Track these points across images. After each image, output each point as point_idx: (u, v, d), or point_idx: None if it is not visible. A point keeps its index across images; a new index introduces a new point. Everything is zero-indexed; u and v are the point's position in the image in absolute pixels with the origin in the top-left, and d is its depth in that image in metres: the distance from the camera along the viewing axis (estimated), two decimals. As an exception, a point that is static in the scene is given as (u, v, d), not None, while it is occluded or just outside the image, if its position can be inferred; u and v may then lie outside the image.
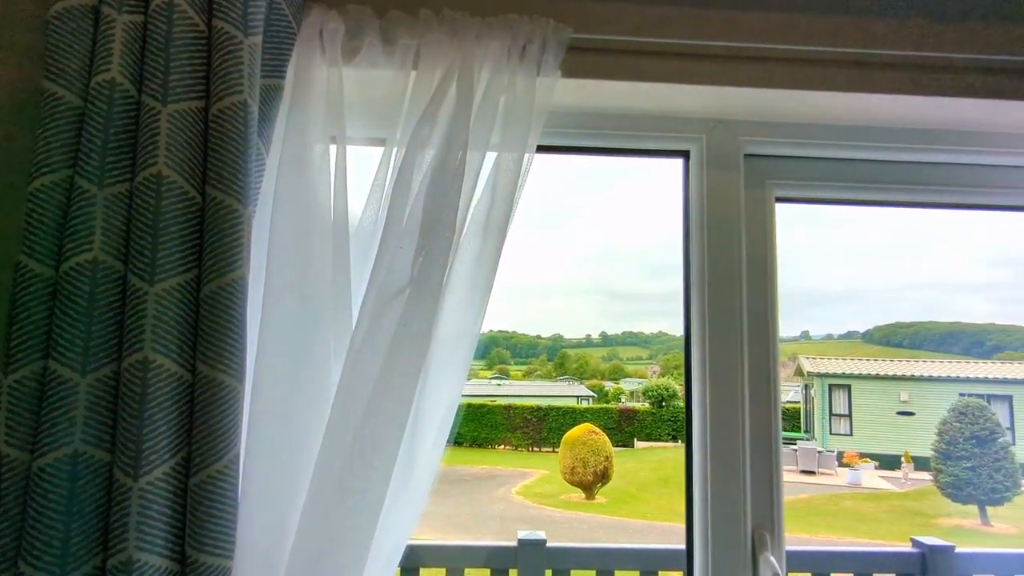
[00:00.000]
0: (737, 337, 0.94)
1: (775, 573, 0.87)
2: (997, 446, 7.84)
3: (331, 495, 0.65)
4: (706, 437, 0.91)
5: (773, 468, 0.93)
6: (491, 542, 2.70)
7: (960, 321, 16.71)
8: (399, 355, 0.68)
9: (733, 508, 0.90)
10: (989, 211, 1.10)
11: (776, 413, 0.94)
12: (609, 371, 17.11)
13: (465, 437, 10.86)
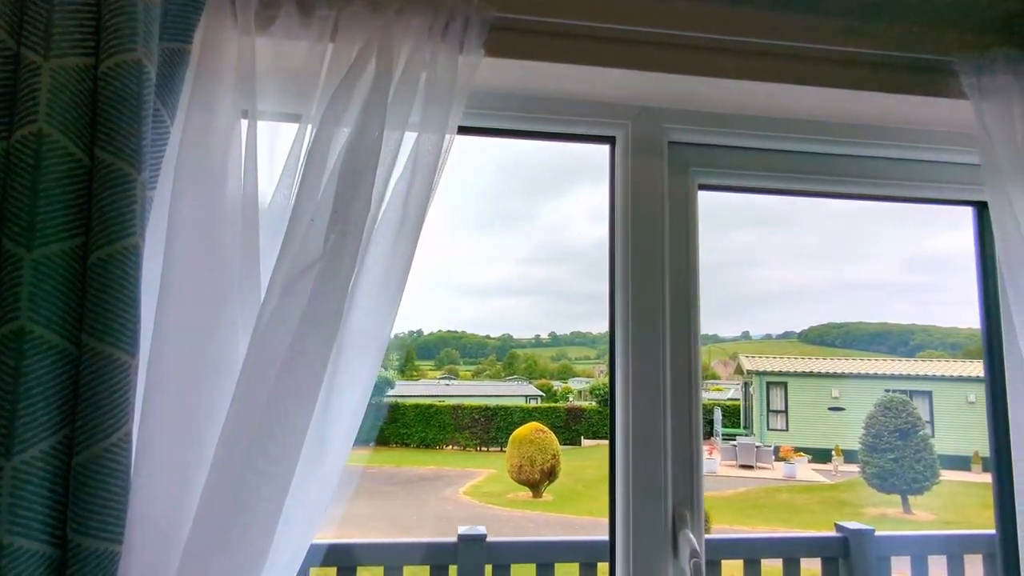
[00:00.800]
0: (660, 317, 0.96)
1: (692, 549, 0.88)
2: (918, 438, 8.29)
3: (236, 475, 0.62)
4: (628, 415, 0.92)
5: (694, 449, 0.94)
6: (430, 538, 2.67)
7: (887, 322, 17.66)
8: (310, 333, 0.66)
9: (654, 487, 0.91)
10: (902, 203, 1.16)
11: (697, 392, 0.96)
12: (558, 371, 17.25)
13: (412, 438, 10.73)
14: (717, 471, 9.77)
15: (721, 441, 10.78)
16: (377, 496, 8.87)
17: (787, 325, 16.08)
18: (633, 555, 0.90)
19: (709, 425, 11.74)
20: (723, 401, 12.99)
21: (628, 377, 0.93)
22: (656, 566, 0.90)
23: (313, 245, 0.67)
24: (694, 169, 1.03)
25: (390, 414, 11.02)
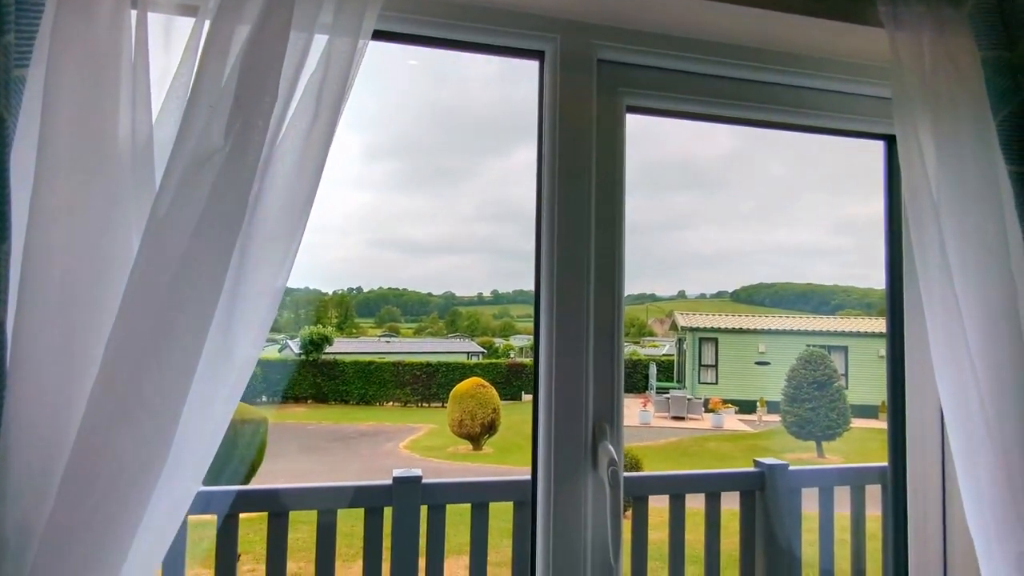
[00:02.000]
0: (586, 235, 0.95)
1: (611, 459, 0.91)
2: (833, 390, 8.87)
3: (126, 382, 0.59)
4: (552, 323, 0.92)
5: (615, 365, 0.96)
6: (364, 481, 2.68)
7: (812, 283, 18.62)
8: (210, 229, 0.62)
9: (575, 402, 0.93)
10: (817, 134, 1.19)
11: (619, 307, 0.97)
12: (500, 328, 17.37)
13: (352, 395, 10.64)
14: (651, 422, 10.20)
15: (655, 394, 11.23)
16: (316, 452, 8.80)
17: (720, 285, 16.65)
18: (555, 468, 0.92)
19: (645, 379, 12.17)
20: (658, 357, 13.46)
21: (552, 289, 0.93)
22: (575, 477, 0.92)
23: (214, 134, 0.63)
24: (622, 89, 1.02)
25: (329, 371, 10.87)
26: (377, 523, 2.50)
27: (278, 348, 11.93)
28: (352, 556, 3.91)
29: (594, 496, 0.92)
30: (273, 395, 10.65)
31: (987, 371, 0.82)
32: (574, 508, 0.91)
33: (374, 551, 2.48)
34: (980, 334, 0.84)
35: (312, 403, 10.66)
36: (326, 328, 11.75)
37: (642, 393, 11.74)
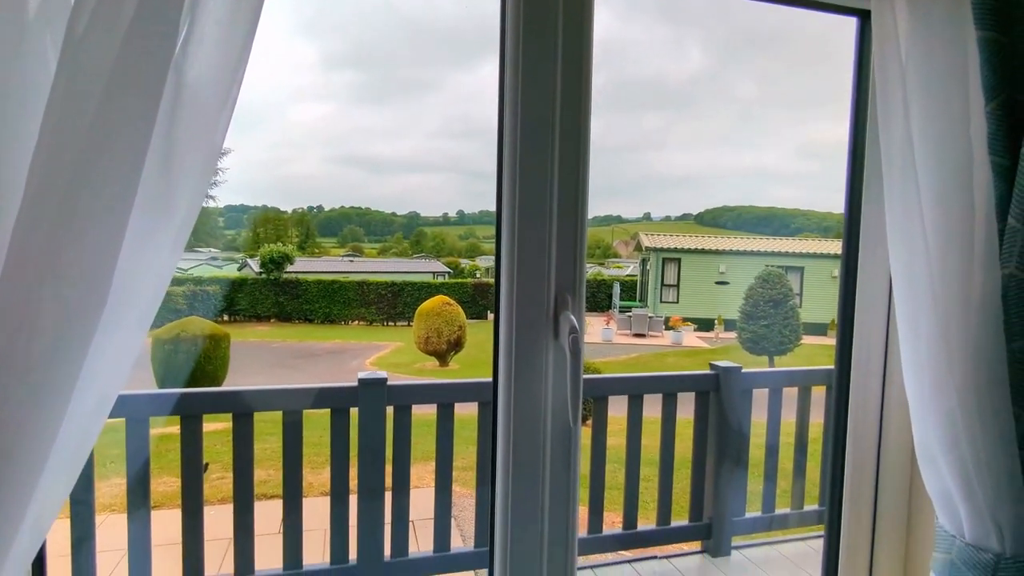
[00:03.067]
0: (550, 108, 0.91)
1: (572, 326, 0.91)
2: (787, 308, 9.19)
3: (52, 219, 0.54)
4: (515, 198, 0.90)
5: (578, 236, 0.94)
6: (330, 383, 2.70)
7: (774, 207, 18.93)
8: (137, 56, 0.56)
9: (537, 272, 0.91)
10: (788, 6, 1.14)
11: (584, 174, 0.94)
12: (466, 249, 17.29)
13: (316, 314, 10.58)
14: (613, 339, 10.50)
15: (618, 313, 11.50)
16: (282, 369, 8.82)
17: (686, 208, 16.78)
18: (516, 338, 0.91)
19: (608, 299, 12.41)
20: (622, 277, 13.68)
21: (516, 160, 0.89)
22: (537, 347, 0.92)
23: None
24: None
25: (291, 290, 10.73)
26: (343, 424, 2.55)
27: (237, 267, 11.68)
28: (320, 464, 4.01)
29: (555, 365, 0.93)
30: (234, 314, 10.51)
31: (937, 238, 0.83)
32: (536, 376, 0.92)
33: (341, 453, 2.53)
34: (934, 203, 0.84)
35: (275, 322, 10.58)
36: (286, 247, 11.50)
37: (605, 312, 12.01)
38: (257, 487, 2.49)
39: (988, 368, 0.82)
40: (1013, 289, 0.82)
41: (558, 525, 0.96)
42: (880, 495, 1.13)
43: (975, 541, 0.88)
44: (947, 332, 0.82)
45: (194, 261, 11.40)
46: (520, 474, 0.93)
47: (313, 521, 2.63)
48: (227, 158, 10.59)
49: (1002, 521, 0.85)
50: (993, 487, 0.84)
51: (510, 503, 0.93)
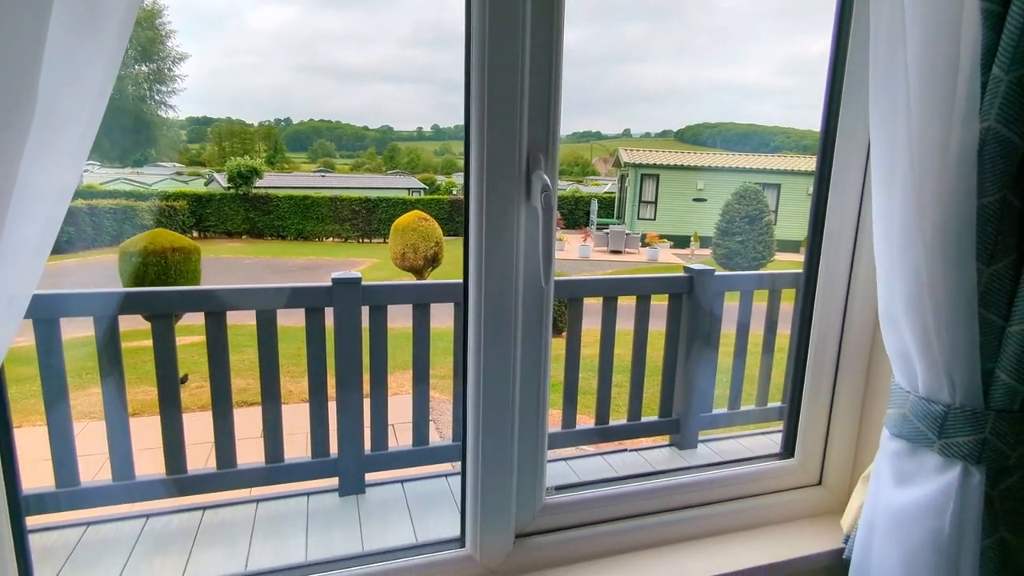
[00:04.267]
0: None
1: (544, 184, 0.88)
2: (763, 224, 9.27)
3: None
4: (484, 53, 0.84)
5: (551, 92, 0.90)
6: (304, 283, 2.67)
7: (755, 123, 18.68)
8: None
9: (509, 130, 0.88)
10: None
11: (559, 18, 0.88)
12: (442, 165, 16.91)
13: (289, 230, 10.39)
14: (590, 256, 10.56)
15: (595, 230, 11.51)
16: (255, 284, 8.71)
17: (666, 124, 16.46)
18: (487, 197, 0.89)
19: (586, 216, 12.39)
20: (600, 194, 13.60)
21: (484, 24, 0.83)
22: (509, 207, 0.90)
23: None
24: None
25: (262, 206, 10.45)
26: (318, 324, 2.54)
27: (204, 182, 11.30)
28: (299, 374, 4.04)
29: (527, 224, 0.91)
30: (204, 230, 10.25)
31: (919, 91, 0.81)
32: (507, 234, 0.90)
33: (317, 353, 2.54)
34: (919, 54, 0.81)
35: (247, 238, 10.37)
36: (255, 161, 11.11)
37: (583, 228, 12.01)
38: (236, 395, 2.51)
39: (957, 224, 0.83)
40: (990, 143, 0.81)
41: (530, 385, 0.98)
42: (841, 364, 1.17)
43: (928, 394, 0.92)
44: (921, 188, 0.82)
45: (158, 176, 10.98)
46: (492, 338, 0.93)
47: (294, 426, 2.68)
48: (185, 64, 9.92)
49: (955, 374, 0.88)
50: (950, 342, 0.86)
51: (482, 368, 0.94)
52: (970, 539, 0.91)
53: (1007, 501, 0.92)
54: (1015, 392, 0.88)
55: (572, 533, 1.06)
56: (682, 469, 1.20)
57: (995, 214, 0.83)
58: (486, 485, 0.98)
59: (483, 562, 1.01)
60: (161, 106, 10.56)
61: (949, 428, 0.90)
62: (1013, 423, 0.88)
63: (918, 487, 0.94)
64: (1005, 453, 0.89)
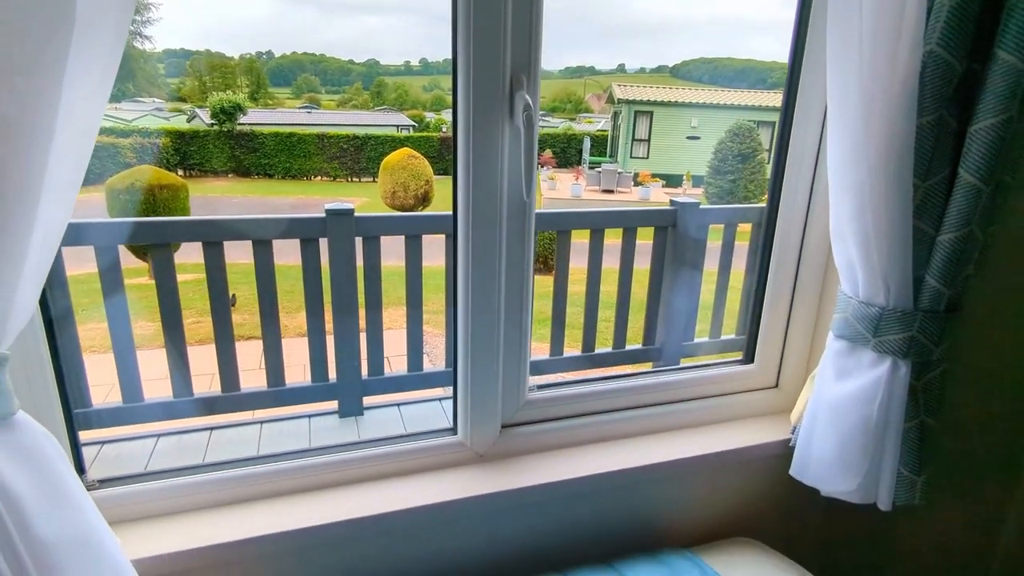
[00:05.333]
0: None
1: (526, 104, 0.96)
2: (755, 162, 9.24)
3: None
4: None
5: (532, 17, 0.96)
6: (299, 214, 2.73)
7: (753, 59, 18.23)
8: None
9: (493, 53, 0.94)
10: None
11: None
12: (431, 101, 16.52)
13: (276, 169, 10.23)
14: (582, 195, 10.53)
15: (587, 168, 11.44)
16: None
17: (662, 59, 16.09)
18: (473, 116, 0.96)
19: (578, 154, 12.27)
20: (594, 132, 13.42)
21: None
22: (493, 125, 0.97)
23: None
24: None
25: (247, 143, 10.27)
26: (314, 253, 2.63)
27: (187, 118, 11.04)
28: (296, 309, 4.14)
29: (511, 142, 0.99)
30: (189, 168, 10.09)
31: (871, 17, 0.88)
32: (491, 152, 0.98)
33: (313, 282, 2.64)
34: None
35: (233, 177, 10.24)
36: (238, 96, 10.82)
37: (575, 167, 11.93)
38: (236, 329, 2.61)
39: (900, 142, 0.91)
40: (930, 65, 0.89)
41: (514, 290, 1.08)
42: (799, 279, 1.29)
43: (867, 298, 1.03)
44: (870, 107, 0.90)
45: (137, 112, 10.70)
46: (479, 248, 1.02)
47: (292, 359, 2.80)
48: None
49: (890, 280, 0.99)
50: (888, 250, 0.97)
51: (471, 275, 1.04)
52: (895, 423, 1.04)
53: (929, 391, 1.05)
54: (940, 294, 0.99)
55: (551, 424, 1.20)
56: (652, 372, 1.33)
57: (932, 132, 0.92)
58: (475, 380, 1.10)
59: (472, 447, 1.14)
60: (136, 36, 10.18)
61: (883, 327, 1.02)
62: (937, 322, 1.00)
63: (854, 380, 1.07)
64: (929, 349, 1.01)
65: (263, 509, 1.01)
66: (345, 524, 1.00)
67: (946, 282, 0.98)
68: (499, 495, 1.08)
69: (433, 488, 1.07)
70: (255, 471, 1.04)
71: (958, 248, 0.96)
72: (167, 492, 0.99)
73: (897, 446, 1.05)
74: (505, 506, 1.12)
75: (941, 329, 1.01)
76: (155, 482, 0.99)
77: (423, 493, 1.06)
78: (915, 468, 1.06)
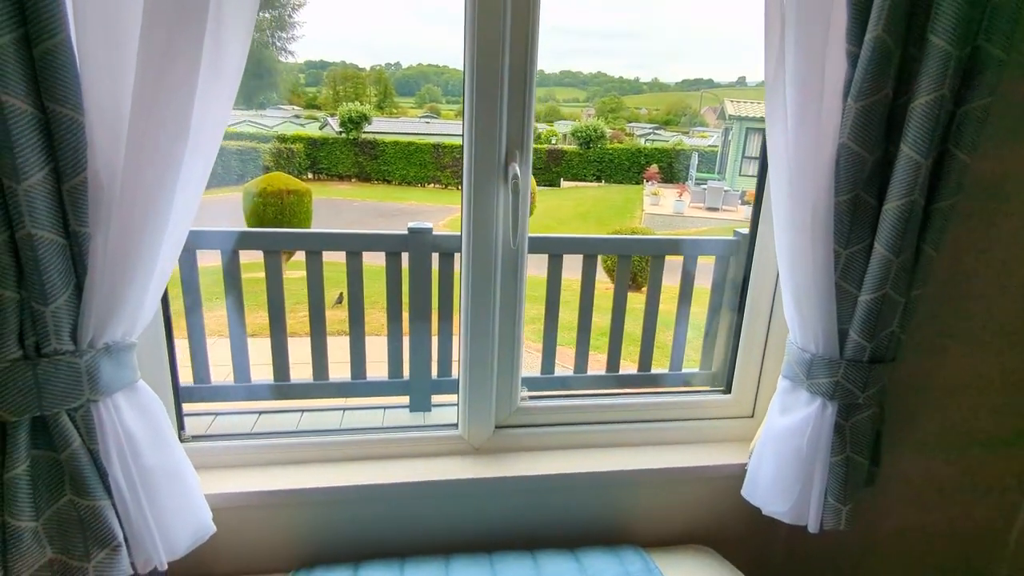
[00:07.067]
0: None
1: (515, 174, 1.22)
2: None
3: (151, 75, 0.88)
4: (473, 80, 1.18)
5: (525, 108, 1.22)
6: (385, 230, 3.14)
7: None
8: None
9: (491, 136, 1.21)
10: None
11: (532, 61, 1.20)
12: (544, 112, 16.92)
13: (394, 175, 11.02)
14: (684, 212, 10.42)
15: (693, 185, 11.27)
16: (359, 226, 9.46)
17: (781, 70, 15.38)
18: (475, 181, 1.24)
19: (685, 170, 12.12)
20: (704, 147, 13.17)
21: (473, 50, 1.16)
22: (491, 188, 1.24)
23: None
24: None
25: (370, 150, 11.20)
26: (396, 266, 3.02)
27: (319, 125, 12.17)
28: (379, 308, 4.60)
29: (504, 201, 1.26)
30: (317, 172, 11.17)
31: (794, 118, 1.05)
32: (488, 208, 1.25)
33: (394, 290, 3.03)
34: (796, 87, 1.04)
35: (356, 181, 11.21)
36: (364, 106, 11.77)
37: (681, 183, 11.80)
38: (328, 326, 3.05)
39: (820, 214, 1.08)
40: (843, 155, 1.05)
41: (507, 316, 1.34)
42: (772, 318, 1.44)
43: (802, 345, 1.19)
44: (794, 183, 1.07)
45: (278, 119, 11.97)
46: (477, 281, 1.30)
47: (372, 354, 3.20)
48: (303, 11, 10.65)
49: (819, 331, 1.14)
50: (816, 304, 1.13)
51: (470, 304, 1.32)
52: (823, 456, 1.19)
53: (856, 431, 1.18)
54: (863, 347, 1.13)
55: (539, 429, 1.44)
56: (637, 393, 1.53)
57: (849, 208, 1.07)
58: (472, 388, 1.37)
59: (470, 441, 1.42)
60: (281, 52, 11.46)
61: (813, 371, 1.17)
62: (861, 370, 1.14)
63: (792, 415, 1.22)
64: (854, 393, 1.15)
65: (305, 469, 1.34)
66: (367, 487, 1.30)
67: (866, 336, 1.12)
68: (486, 480, 1.34)
69: (436, 468, 1.36)
70: (302, 440, 1.37)
71: (876, 307, 1.10)
72: (237, 449, 1.35)
73: (824, 477, 1.20)
74: (490, 490, 1.38)
75: (865, 377, 1.14)
76: (229, 441, 1.36)
77: (428, 471, 1.35)
78: (841, 498, 1.19)
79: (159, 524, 1.05)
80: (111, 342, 0.97)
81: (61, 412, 0.93)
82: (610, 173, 11.84)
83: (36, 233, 0.85)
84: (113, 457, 0.98)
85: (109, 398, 0.98)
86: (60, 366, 0.91)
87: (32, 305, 0.88)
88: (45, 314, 0.88)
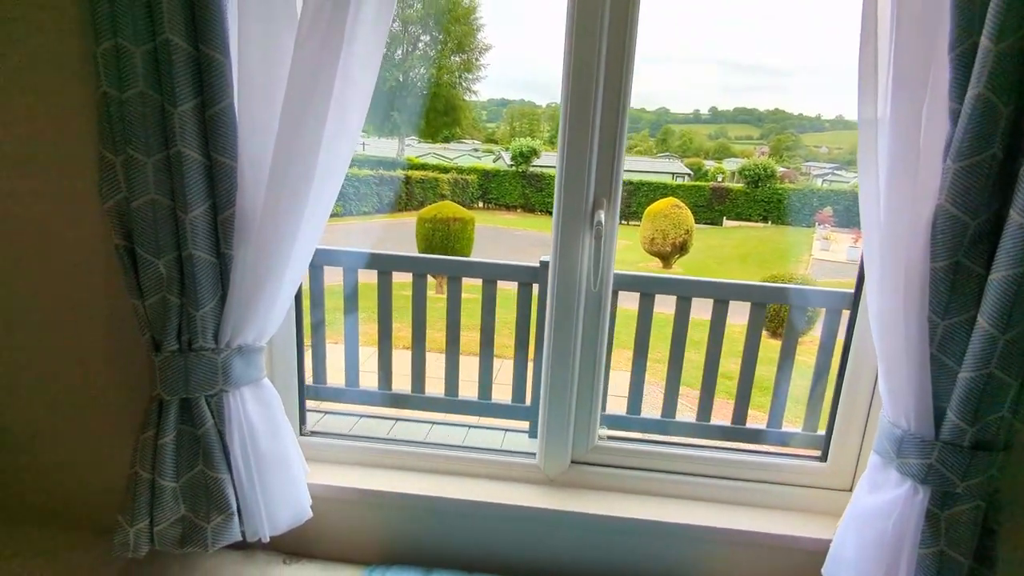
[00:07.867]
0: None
1: (598, 222, 1.28)
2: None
3: (289, 131, 1.10)
4: (565, 137, 1.27)
5: (615, 159, 1.28)
6: (518, 261, 3.32)
7: None
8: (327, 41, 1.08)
9: (579, 184, 1.29)
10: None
11: (622, 120, 1.26)
12: (714, 149, 16.44)
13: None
14: (857, 260, 9.45)
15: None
16: (518, 253, 9.88)
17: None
18: (563, 227, 1.32)
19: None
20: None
21: (567, 104, 1.25)
22: (577, 233, 1.32)
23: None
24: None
25: (536, 183, 11.71)
26: (527, 296, 3.17)
27: (493, 158, 12.98)
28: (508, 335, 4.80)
29: (590, 247, 1.32)
30: (487, 201, 11.90)
31: (887, 174, 0.99)
32: (574, 252, 1.32)
33: (523, 318, 3.17)
34: (891, 139, 0.98)
35: (520, 212, 11.78)
36: (536, 141, 12.35)
37: (858, 229, 10.72)
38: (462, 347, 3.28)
39: (915, 281, 1.00)
40: (940, 218, 0.97)
41: (588, 355, 1.39)
42: (875, 397, 1.32)
43: (894, 420, 1.09)
44: (887, 247, 1.01)
45: (459, 152, 13.00)
46: (560, 321, 1.37)
47: (500, 377, 3.36)
48: (489, 54, 11.50)
49: (910, 406, 1.05)
50: (907, 376, 1.03)
51: (552, 342, 1.39)
52: (909, 545, 1.07)
53: (954, 524, 1.05)
54: (962, 430, 1.01)
55: (616, 470, 1.46)
56: (723, 448, 1.48)
57: (947, 276, 0.98)
58: (551, 423, 1.44)
59: (546, 472, 1.48)
60: (467, 91, 12.51)
61: (904, 450, 1.07)
62: (960, 456, 1.02)
63: (880, 495, 1.12)
64: (951, 480, 1.03)
65: (398, 475, 1.49)
66: (449, 500, 1.42)
67: (967, 418, 1.00)
68: (556, 512, 1.39)
69: (510, 493, 1.44)
70: (399, 448, 1.53)
71: (978, 387, 0.98)
72: (345, 449, 1.54)
73: (911, 570, 1.07)
74: (557, 522, 1.42)
75: (966, 464, 1.02)
76: (340, 440, 1.56)
77: (502, 494, 1.43)
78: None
79: (266, 502, 1.25)
80: (243, 344, 1.20)
81: (201, 396, 1.18)
82: (778, 214, 11.11)
83: (196, 253, 1.10)
84: (235, 439, 1.21)
85: (238, 390, 1.21)
86: (203, 359, 1.16)
87: (188, 309, 1.13)
88: (196, 317, 1.13)
